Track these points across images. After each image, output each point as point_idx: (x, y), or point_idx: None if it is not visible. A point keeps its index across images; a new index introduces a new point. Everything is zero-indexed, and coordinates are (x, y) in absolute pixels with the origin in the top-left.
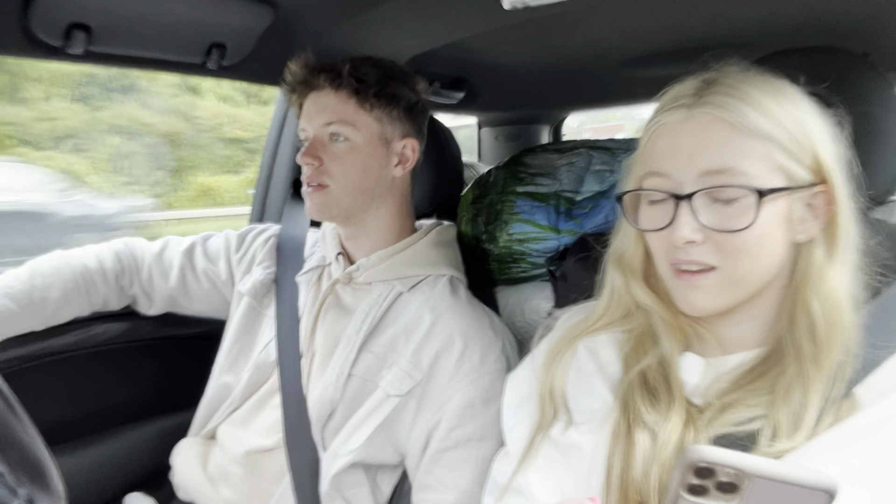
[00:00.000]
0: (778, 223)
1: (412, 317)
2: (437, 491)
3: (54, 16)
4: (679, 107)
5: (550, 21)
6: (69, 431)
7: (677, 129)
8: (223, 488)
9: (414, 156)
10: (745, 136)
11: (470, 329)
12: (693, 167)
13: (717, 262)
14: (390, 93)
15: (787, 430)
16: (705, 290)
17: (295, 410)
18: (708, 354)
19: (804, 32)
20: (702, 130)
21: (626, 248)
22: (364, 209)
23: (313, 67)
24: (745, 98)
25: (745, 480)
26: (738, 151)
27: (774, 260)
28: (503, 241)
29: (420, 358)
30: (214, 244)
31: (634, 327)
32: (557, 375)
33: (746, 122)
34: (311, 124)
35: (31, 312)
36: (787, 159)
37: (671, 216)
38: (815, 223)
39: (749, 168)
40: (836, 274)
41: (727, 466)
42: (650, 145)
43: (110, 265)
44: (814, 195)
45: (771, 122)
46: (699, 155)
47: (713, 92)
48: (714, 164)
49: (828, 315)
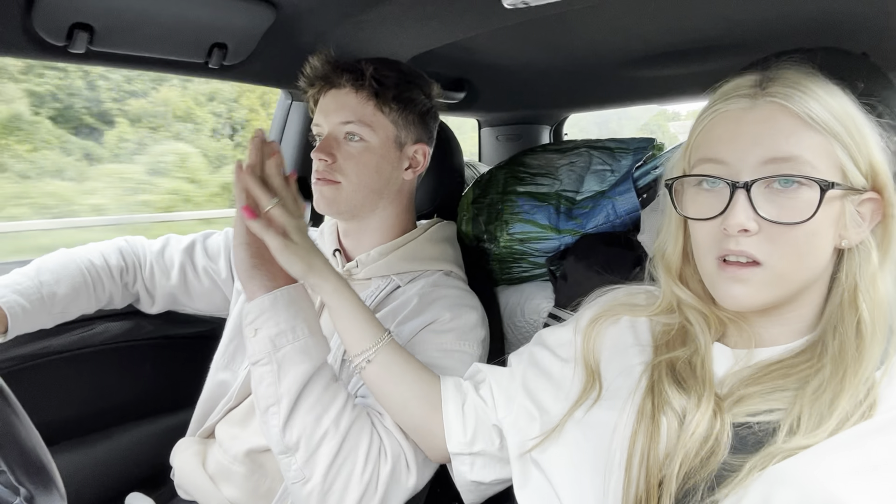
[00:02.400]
0: (830, 223)
1: (403, 301)
2: None
3: (57, 16)
4: (741, 96)
5: (551, 21)
6: (70, 431)
7: (739, 116)
8: (226, 487)
9: (424, 161)
10: (811, 128)
11: (456, 310)
12: (754, 155)
13: (764, 257)
14: (408, 97)
15: (807, 427)
16: (750, 284)
17: None
18: (738, 346)
19: (804, 33)
20: (766, 119)
21: (667, 247)
22: (371, 208)
23: (336, 65)
24: (809, 93)
25: None
26: (804, 143)
27: (820, 262)
28: (504, 240)
29: (402, 331)
30: (215, 242)
31: (674, 323)
32: (596, 340)
33: (813, 115)
34: (328, 121)
35: (41, 308)
36: (847, 159)
37: (725, 203)
38: (859, 230)
39: (814, 160)
40: (884, 279)
41: None
42: (706, 133)
43: (114, 262)
44: (862, 202)
45: (835, 118)
46: (762, 143)
47: (778, 84)
48: (779, 153)
49: (875, 318)
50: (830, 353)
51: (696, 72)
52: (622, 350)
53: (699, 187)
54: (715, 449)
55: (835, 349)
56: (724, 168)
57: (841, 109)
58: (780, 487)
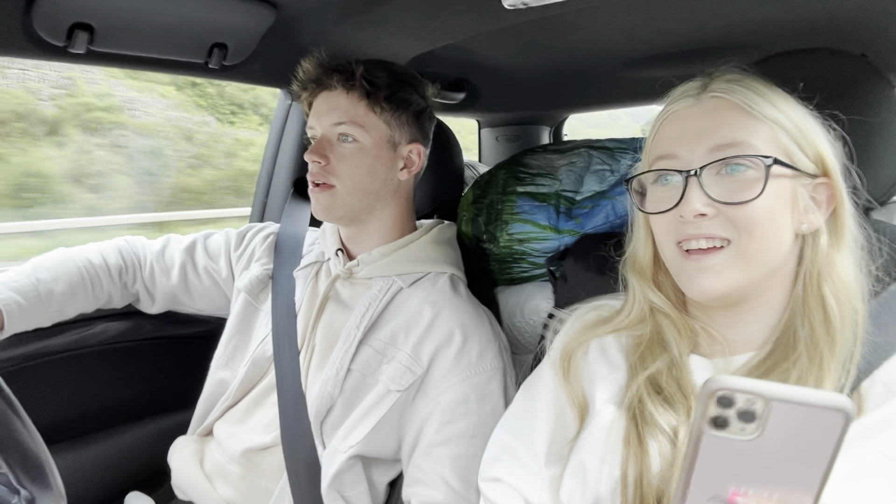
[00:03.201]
0: (785, 205)
1: (412, 312)
2: (426, 486)
3: (57, 16)
4: (686, 97)
5: (550, 22)
6: (70, 430)
7: (685, 114)
8: (222, 486)
9: (419, 161)
10: (752, 117)
11: (470, 325)
12: (702, 145)
13: (730, 234)
14: (400, 97)
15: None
16: (715, 270)
17: (292, 406)
18: (714, 356)
19: (804, 34)
20: (710, 112)
21: (636, 252)
22: (368, 211)
23: (327, 67)
24: (750, 87)
25: (764, 406)
26: (747, 129)
27: (782, 244)
28: (504, 240)
29: (420, 353)
30: (215, 242)
31: (644, 333)
32: (576, 381)
33: (753, 105)
34: (321, 123)
35: (38, 306)
36: (792, 144)
37: (681, 193)
38: (816, 215)
39: (757, 143)
40: (843, 264)
41: (746, 392)
42: (658, 135)
43: (113, 261)
44: (816, 187)
45: (776, 109)
46: (708, 133)
47: (720, 81)
48: (724, 139)
49: (840, 301)
50: (803, 341)
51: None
52: (598, 379)
53: (657, 185)
54: None
55: (805, 336)
56: (677, 161)
57: (782, 102)
58: None
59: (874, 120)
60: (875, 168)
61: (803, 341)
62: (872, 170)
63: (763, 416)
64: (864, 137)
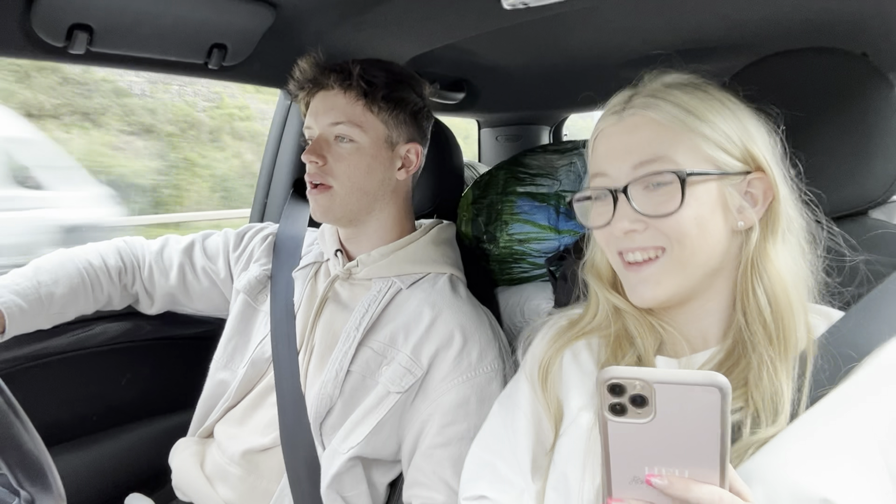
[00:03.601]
0: (714, 208)
1: (412, 313)
2: (428, 488)
3: (56, 16)
4: (611, 114)
5: (550, 22)
6: (70, 432)
7: (611, 132)
8: (222, 488)
9: (417, 160)
10: (671, 130)
11: (470, 326)
12: (626, 163)
13: (663, 243)
14: (398, 97)
15: (767, 418)
16: (652, 280)
17: (291, 407)
18: (679, 355)
19: (804, 33)
20: (632, 129)
21: (595, 256)
22: (367, 211)
23: (323, 67)
24: (668, 97)
25: (651, 391)
26: (665, 143)
27: (717, 246)
28: (503, 241)
29: (420, 354)
30: (213, 242)
31: (611, 332)
32: (552, 392)
33: (671, 119)
34: (318, 123)
35: (38, 309)
36: (715, 150)
37: (612, 210)
38: (753, 211)
39: (678, 157)
40: (777, 257)
41: (632, 379)
42: (594, 150)
43: (113, 262)
44: (749, 183)
45: (695, 117)
46: (631, 151)
47: (640, 95)
48: (644, 156)
49: (773, 298)
50: (752, 343)
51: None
52: (572, 388)
53: (596, 200)
54: None
55: (749, 335)
56: (608, 179)
57: (703, 106)
58: (751, 486)
59: (874, 119)
60: (874, 167)
61: (752, 343)
62: (872, 169)
63: (652, 400)
64: (863, 137)
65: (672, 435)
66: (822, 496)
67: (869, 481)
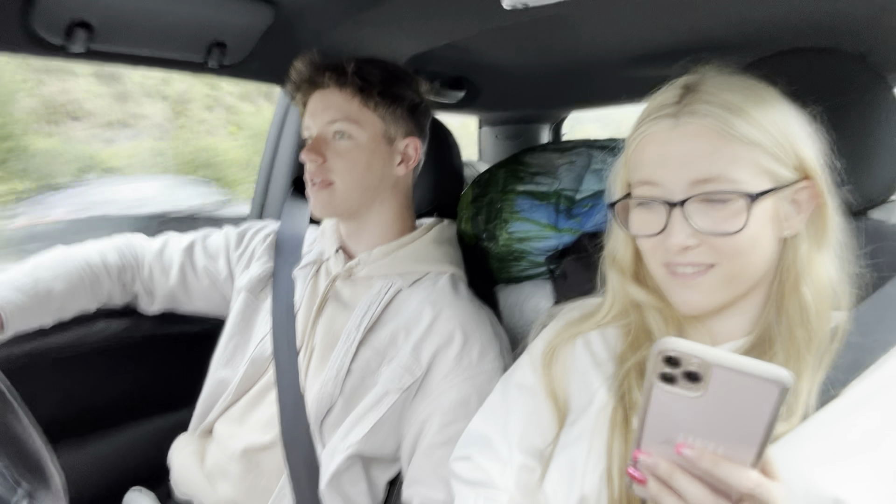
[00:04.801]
0: (767, 222)
1: (413, 312)
2: (428, 487)
3: (56, 14)
4: (664, 116)
5: (550, 21)
6: (69, 428)
7: (665, 138)
8: (222, 485)
9: (416, 155)
10: (732, 143)
11: (470, 325)
12: (683, 176)
13: (715, 260)
14: (394, 93)
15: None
16: (701, 290)
17: (291, 405)
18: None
19: (803, 33)
20: (690, 140)
21: (617, 250)
22: (367, 206)
23: (318, 66)
24: (727, 106)
25: (708, 370)
26: (726, 159)
27: (766, 257)
28: (503, 239)
29: (420, 353)
30: (214, 241)
31: (630, 322)
32: (559, 376)
33: (731, 131)
34: (316, 122)
35: (38, 305)
36: (772, 162)
37: (664, 222)
38: (799, 218)
39: (738, 174)
40: (823, 262)
41: (691, 356)
42: (638, 153)
43: (113, 260)
44: (797, 191)
45: (754, 128)
46: (689, 164)
47: (696, 100)
48: (703, 173)
49: (818, 301)
50: (780, 340)
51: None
52: (582, 374)
53: (641, 207)
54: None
55: (783, 335)
56: (659, 189)
57: (761, 114)
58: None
59: (873, 120)
60: (873, 167)
61: (780, 340)
62: (871, 169)
63: (706, 379)
64: (862, 137)
65: (717, 415)
66: (834, 496)
67: (882, 483)
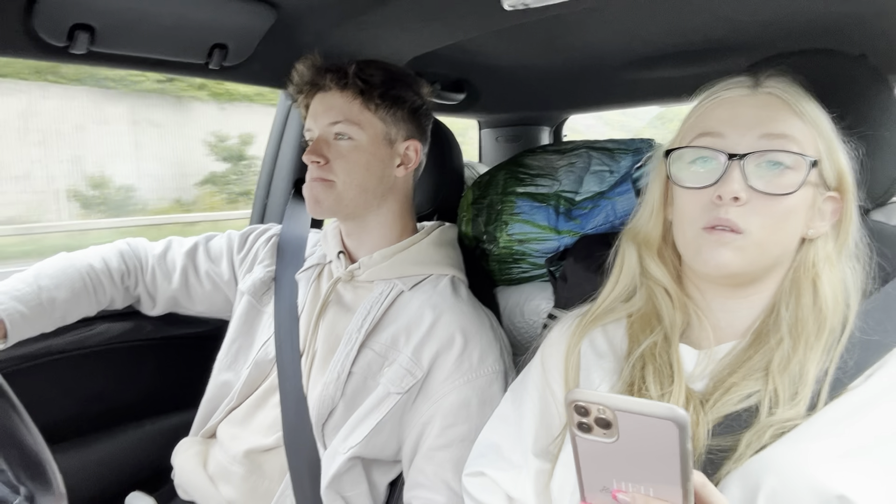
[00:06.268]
0: (804, 207)
1: (414, 315)
2: (429, 489)
3: (58, 17)
4: (740, 86)
5: (551, 23)
6: (71, 430)
7: (739, 101)
8: (224, 487)
9: (417, 157)
10: (801, 119)
11: (471, 328)
12: (752, 131)
13: (746, 226)
14: (395, 95)
15: (785, 399)
16: (732, 247)
17: (294, 408)
18: (701, 346)
19: (803, 35)
20: (764, 105)
21: (644, 224)
22: (366, 207)
23: (320, 68)
24: (799, 91)
25: (614, 416)
26: (796, 127)
27: (791, 242)
28: (503, 241)
29: (420, 356)
30: (217, 245)
31: (635, 310)
32: (571, 378)
33: (803, 109)
34: (317, 124)
35: (40, 314)
36: (825, 152)
37: (720, 173)
38: (822, 223)
39: (803, 142)
40: (833, 271)
41: (596, 403)
42: (705, 114)
43: (115, 265)
44: (826, 199)
45: (817, 117)
46: (760, 122)
47: (773, 81)
48: (775, 130)
49: (833, 297)
50: (786, 325)
51: (697, 73)
52: (586, 371)
53: (693, 164)
54: (695, 433)
55: (790, 320)
56: (723, 141)
57: (820, 113)
58: (767, 475)
59: (873, 121)
60: (873, 168)
61: (787, 325)
62: (871, 170)
63: (615, 424)
64: (862, 138)
65: (636, 457)
66: (838, 493)
67: (887, 481)
